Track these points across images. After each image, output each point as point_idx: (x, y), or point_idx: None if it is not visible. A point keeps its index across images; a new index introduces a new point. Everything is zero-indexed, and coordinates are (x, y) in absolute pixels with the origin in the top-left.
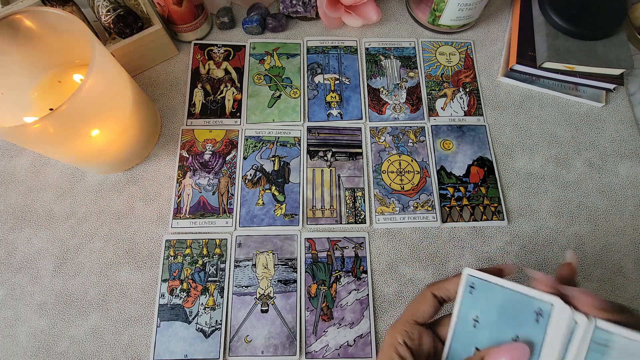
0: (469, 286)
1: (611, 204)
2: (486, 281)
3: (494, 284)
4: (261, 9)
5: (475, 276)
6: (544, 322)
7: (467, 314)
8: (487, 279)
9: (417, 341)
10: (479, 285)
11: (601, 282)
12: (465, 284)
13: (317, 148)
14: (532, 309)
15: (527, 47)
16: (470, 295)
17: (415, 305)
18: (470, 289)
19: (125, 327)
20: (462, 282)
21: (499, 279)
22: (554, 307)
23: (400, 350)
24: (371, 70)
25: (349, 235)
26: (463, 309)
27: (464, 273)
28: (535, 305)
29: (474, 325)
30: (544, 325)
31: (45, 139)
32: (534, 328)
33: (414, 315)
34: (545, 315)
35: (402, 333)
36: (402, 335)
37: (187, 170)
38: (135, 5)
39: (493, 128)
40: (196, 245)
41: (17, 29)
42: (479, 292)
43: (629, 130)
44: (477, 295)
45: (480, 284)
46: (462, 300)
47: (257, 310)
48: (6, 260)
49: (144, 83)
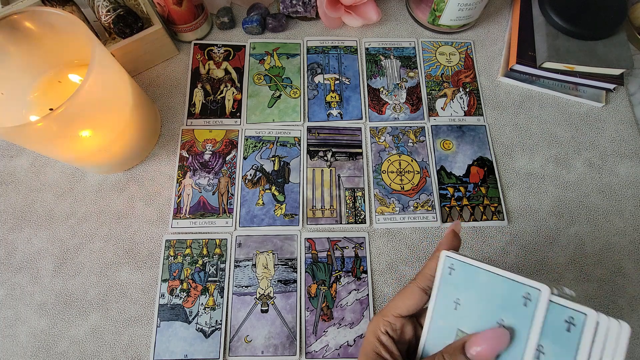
0: (448, 267)
1: (611, 204)
2: (467, 263)
3: (476, 267)
4: (261, 9)
5: (455, 258)
6: (532, 306)
7: (448, 295)
8: (468, 261)
9: (400, 330)
10: (458, 267)
11: (601, 282)
12: (444, 264)
13: (317, 148)
14: (520, 293)
15: (527, 47)
16: (449, 276)
17: (399, 299)
18: (449, 270)
19: (125, 327)
20: (440, 263)
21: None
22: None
23: (382, 338)
24: (371, 70)
25: (349, 235)
26: (442, 290)
27: (442, 255)
28: (523, 290)
29: (455, 307)
30: (532, 309)
31: (46, 138)
32: (520, 312)
33: (397, 309)
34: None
35: (385, 323)
36: (384, 325)
37: (187, 170)
38: (135, 5)
39: (493, 128)
40: (196, 245)
41: (17, 29)
42: (459, 274)
43: (629, 130)
44: (458, 277)
45: (460, 266)
46: (440, 281)
47: (257, 310)
48: (6, 260)
49: (144, 83)
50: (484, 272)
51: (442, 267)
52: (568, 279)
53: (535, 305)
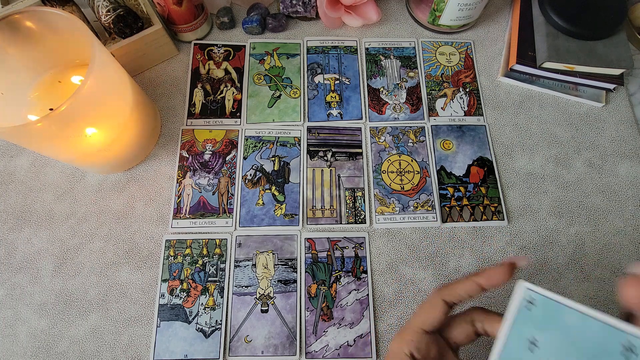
0: (526, 301)
1: (611, 204)
2: (553, 300)
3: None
4: (261, 9)
5: (538, 292)
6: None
7: (522, 333)
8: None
9: (425, 352)
10: (541, 303)
11: (601, 282)
12: (522, 298)
13: (317, 148)
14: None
15: (527, 47)
16: (528, 312)
17: (423, 312)
18: (528, 305)
19: (125, 327)
20: (516, 296)
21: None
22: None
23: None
24: (371, 70)
25: (349, 235)
26: (517, 327)
27: (521, 286)
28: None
29: (531, 348)
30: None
31: (46, 139)
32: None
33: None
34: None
35: (409, 343)
36: (408, 346)
37: (187, 170)
38: (135, 5)
39: (493, 128)
40: (196, 245)
41: (17, 29)
42: (540, 311)
43: (629, 130)
44: (537, 315)
45: (543, 302)
46: (516, 317)
47: (257, 310)
48: (6, 260)
49: (144, 83)
50: (573, 311)
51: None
52: (568, 279)
53: None
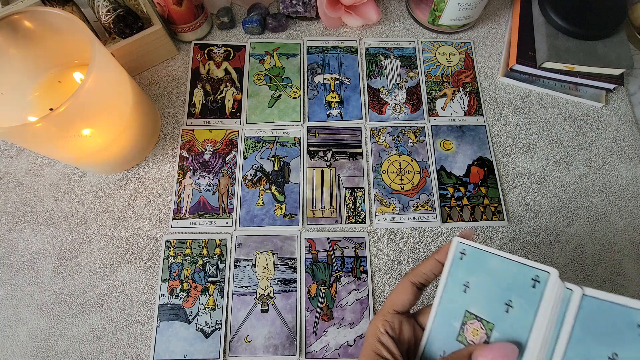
0: (459, 252)
1: (611, 204)
2: (479, 249)
3: (487, 252)
4: (261, 9)
5: (467, 244)
6: (540, 287)
7: (457, 279)
8: (480, 247)
9: (398, 329)
10: (470, 252)
11: (601, 282)
12: (455, 250)
13: (317, 148)
14: (529, 276)
15: (527, 47)
16: (460, 261)
17: (394, 295)
18: (460, 255)
19: (125, 327)
20: (451, 249)
21: (493, 249)
22: (550, 275)
23: (383, 339)
24: (371, 70)
25: (349, 235)
26: (452, 274)
27: (454, 241)
28: (532, 273)
29: (465, 290)
30: (540, 290)
31: (46, 139)
32: (529, 293)
33: (393, 305)
34: (542, 281)
35: (384, 323)
36: (383, 325)
37: (187, 170)
38: (135, 5)
39: (493, 128)
40: (196, 245)
41: (17, 29)
42: (470, 259)
43: (629, 130)
44: (468, 262)
45: (471, 251)
46: (451, 265)
47: (257, 310)
48: (6, 260)
49: (144, 83)
50: (495, 256)
51: (453, 251)
52: (568, 279)
53: (544, 286)
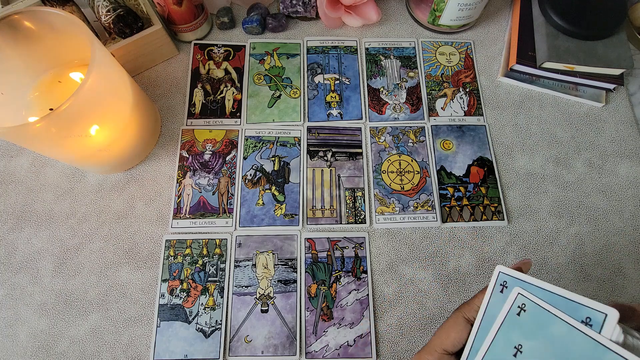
0: (499, 285)
1: (611, 204)
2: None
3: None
4: (261, 9)
5: (510, 274)
6: None
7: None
8: (524, 279)
9: None
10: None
11: (601, 282)
12: (496, 281)
13: (317, 148)
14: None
15: (527, 47)
16: (500, 294)
17: (444, 332)
18: (500, 287)
19: (125, 327)
20: (492, 280)
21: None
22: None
23: None
24: (371, 70)
25: (349, 235)
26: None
27: (496, 270)
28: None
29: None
30: None
31: (46, 138)
32: None
33: (443, 344)
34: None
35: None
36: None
37: (187, 170)
38: (135, 5)
39: (493, 128)
40: (196, 245)
41: (17, 29)
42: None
43: (629, 130)
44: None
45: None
46: (490, 299)
47: (257, 310)
48: (6, 260)
49: (144, 83)
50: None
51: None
52: (568, 279)
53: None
